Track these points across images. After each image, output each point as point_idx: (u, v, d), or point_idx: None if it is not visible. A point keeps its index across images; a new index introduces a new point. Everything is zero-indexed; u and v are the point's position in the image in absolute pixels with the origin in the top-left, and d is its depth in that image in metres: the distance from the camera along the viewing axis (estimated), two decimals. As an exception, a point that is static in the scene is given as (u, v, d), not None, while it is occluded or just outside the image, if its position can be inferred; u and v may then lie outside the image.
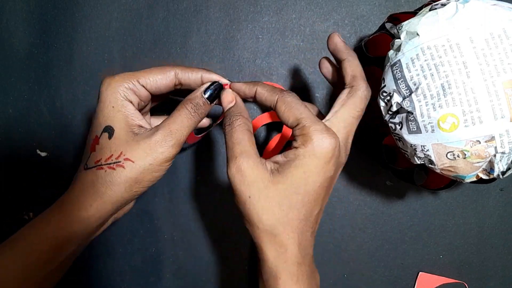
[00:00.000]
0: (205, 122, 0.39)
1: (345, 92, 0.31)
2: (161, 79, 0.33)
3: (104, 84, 0.32)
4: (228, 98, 0.33)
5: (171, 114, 0.32)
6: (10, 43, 0.44)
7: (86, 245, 0.34)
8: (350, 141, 0.31)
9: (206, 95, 0.33)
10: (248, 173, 0.28)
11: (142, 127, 0.32)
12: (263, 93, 0.32)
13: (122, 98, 0.31)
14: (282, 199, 0.28)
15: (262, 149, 0.43)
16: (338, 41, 0.33)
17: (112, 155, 0.31)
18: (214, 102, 0.34)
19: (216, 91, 0.33)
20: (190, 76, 0.34)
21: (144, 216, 0.45)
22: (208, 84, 0.33)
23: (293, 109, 0.29)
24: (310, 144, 0.28)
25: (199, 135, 0.39)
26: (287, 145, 0.42)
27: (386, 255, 0.44)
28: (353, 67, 0.32)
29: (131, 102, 0.32)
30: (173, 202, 0.45)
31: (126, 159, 0.30)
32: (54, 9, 0.44)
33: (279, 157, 0.30)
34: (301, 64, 0.43)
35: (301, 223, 0.29)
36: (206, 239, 0.45)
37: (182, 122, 0.32)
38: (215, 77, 0.34)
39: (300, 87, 0.43)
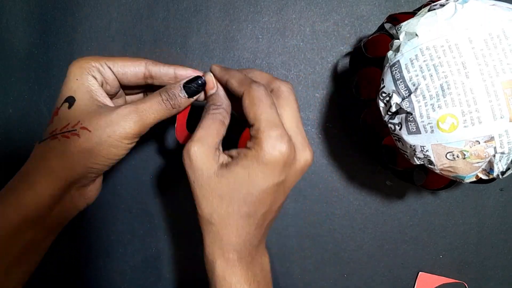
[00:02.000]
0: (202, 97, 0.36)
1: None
2: (129, 65, 0.32)
3: (73, 62, 0.31)
4: (210, 84, 0.33)
5: (145, 97, 0.32)
6: (10, 43, 0.45)
7: (52, 235, 0.33)
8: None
9: (185, 88, 0.32)
10: (195, 158, 0.28)
11: (105, 104, 0.31)
12: (233, 83, 0.31)
13: (86, 72, 0.31)
14: (224, 193, 0.28)
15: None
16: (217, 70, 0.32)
17: (69, 123, 0.29)
18: (194, 98, 0.33)
19: (197, 86, 0.32)
20: (161, 69, 0.33)
21: (144, 216, 0.45)
22: (191, 78, 0.33)
23: (255, 106, 0.28)
24: (260, 150, 0.27)
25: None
26: None
27: (386, 255, 0.44)
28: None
29: (95, 78, 0.31)
30: (173, 202, 0.45)
31: (83, 127, 0.29)
32: (54, 9, 0.44)
33: (233, 152, 0.29)
34: (301, 64, 0.43)
35: (241, 218, 0.29)
36: (206, 239, 0.45)
37: (152, 105, 0.31)
38: (190, 71, 0.33)
39: (300, 87, 0.43)
